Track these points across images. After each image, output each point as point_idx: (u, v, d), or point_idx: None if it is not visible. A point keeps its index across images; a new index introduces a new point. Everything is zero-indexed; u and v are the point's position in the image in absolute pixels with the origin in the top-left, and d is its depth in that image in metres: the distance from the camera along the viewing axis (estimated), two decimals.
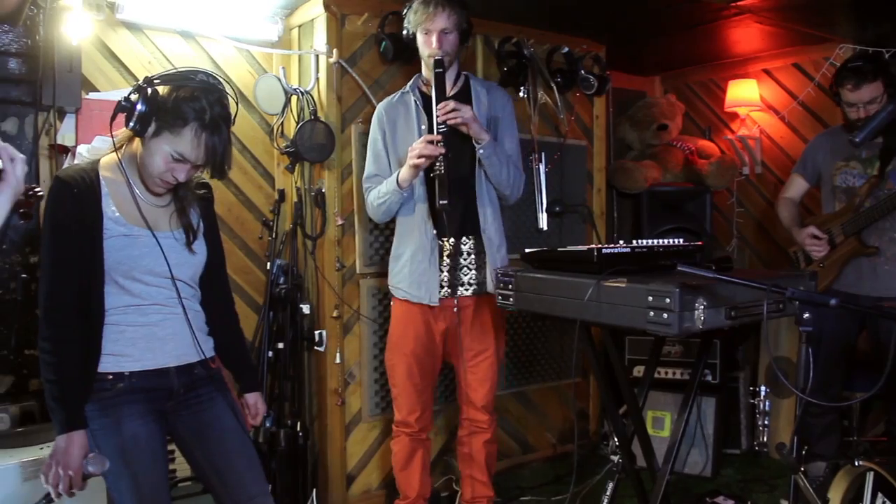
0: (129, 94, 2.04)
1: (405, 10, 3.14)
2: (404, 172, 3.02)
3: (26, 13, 3.15)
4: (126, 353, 2.12)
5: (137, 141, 2.12)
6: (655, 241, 2.79)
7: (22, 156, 1.32)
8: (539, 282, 2.69)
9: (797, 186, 3.92)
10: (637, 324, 2.29)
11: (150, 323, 2.15)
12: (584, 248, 2.67)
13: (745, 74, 5.09)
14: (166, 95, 2.03)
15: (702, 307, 2.22)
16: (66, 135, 3.38)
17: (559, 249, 2.85)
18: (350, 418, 3.74)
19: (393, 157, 3.20)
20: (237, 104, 2.18)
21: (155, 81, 2.05)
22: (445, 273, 3.15)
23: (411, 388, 3.22)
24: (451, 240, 3.15)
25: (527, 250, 2.93)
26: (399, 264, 3.21)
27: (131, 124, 2.02)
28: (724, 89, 5.14)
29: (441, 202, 2.92)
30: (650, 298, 2.23)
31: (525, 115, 4.15)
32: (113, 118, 2.08)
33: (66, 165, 3.28)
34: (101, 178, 2.12)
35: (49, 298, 2.05)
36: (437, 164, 2.93)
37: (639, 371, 4.40)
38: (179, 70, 2.12)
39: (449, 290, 3.16)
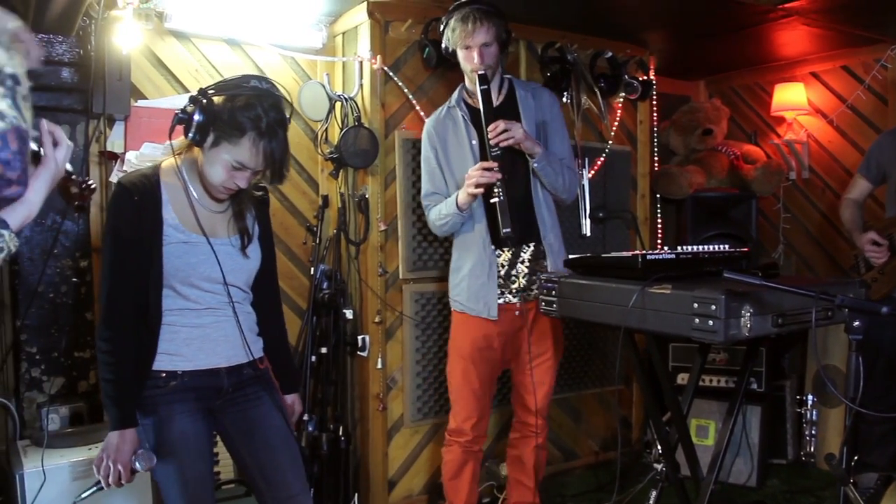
0: (186, 106, 2.07)
1: (442, 26, 3.13)
2: (462, 197, 3.02)
3: (79, 24, 3.22)
4: (180, 353, 2.17)
5: (196, 148, 2.16)
6: (700, 247, 2.77)
7: (69, 142, 1.33)
8: (583, 288, 2.68)
9: (861, 187, 3.83)
10: (682, 331, 2.28)
11: (203, 325, 2.20)
12: (629, 254, 2.66)
13: (792, 78, 5.01)
14: (222, 105, 2.07)
15: (748, 314, 2.19)
16: (115, 141, 3.45)
17: (603, 256, 2.85)
18: (392, 423, 3.76)
19: (447, 172, 3.20)
20: (291, 105, 2.21)
21: (209, 92, 2.09)
22: (506, 281, 3.14)
23: (469, 392, 3.19)
24: (511, 249, 3.14)
25: (570, 256, 2.93)
26: (458, 277, 3.21)
27: (190, 135, 2.06)
28: (771, 93, 5.07)
29: (505, 231, 2.92)
30: (695, 305, 2.21)
31: (568, 120, 4.13)
32: (171, 130, 2.12)
33: (114, 172, 3.35)
34: (161, 183, 2.16)
35: (109, 301, 2.11)
36: (496, 189, 2.93)
37: (683, 378, 4.35)
38: (232, 78, 2.15)
39: (509, 297, 3.14)
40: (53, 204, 3.30)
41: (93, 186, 1.73)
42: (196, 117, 2.04)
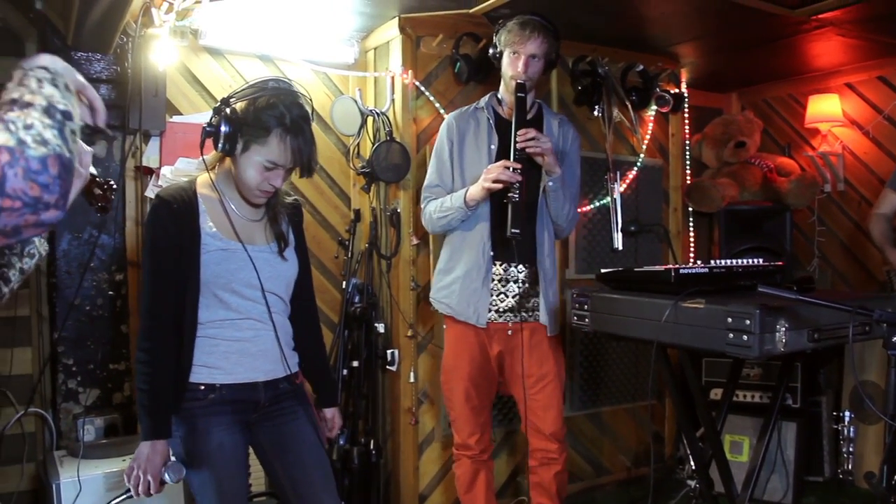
0: (211, 119, 2.11)
1: (497, 28, 3.14)
2: (475, 192, 3.00)
3: (116, 42, 3.28)
4: (219, 366, 2.19)
5: (228, 159, 2.20)
6: (734, 261, 2.74)
7: (90, 149, 1.38)
8: (615, 302, 2.66)
9: (890, 202, 3.78)
10: (716, 346, 2.25)
11: (243, 338, 2.22)
12: (661, 268, 2.64)
13: (827, 89, 4.96)
14: (245, 110, 2.11)
15: (783, 329, 2.17)
16: (150, 157, 3.50)
17: (635, 270, 2.82)
18: (423, 437, 3.76)
19: (457, 169, 3.17)
20: (311, 100, 2.23)
21: (231, 100, 2.13)
22: (495, 297, 3.11)
23: (469, 411, 3.18)
24: (504, 265, 3.12)
25: (602, 270, 2.91)
26: (448, 279, 3.18)
27: (220, 146, 2.10)
28: (805, 105, 5.01)
29: (513, 231, 2.90)
30: (729, 320, 2.19)
31: (600, 133, 4.13)
32: (202, 145, 2.16)
33: (150, 186, 3.40)
34: (198, 195, 2.20)
35: (150, 311, 2.15)
36: (513, 190, 2.92)
37: (716, 394, 4.30)
38: (251, 83, 2.19)
39: (499, 315, 3.13)
40: (90, 218, 3.37)
41: (115, 187, 1.76)
42: (223, 128, 2.08)
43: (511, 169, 2.92)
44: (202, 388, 2.18)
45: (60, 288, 3.40)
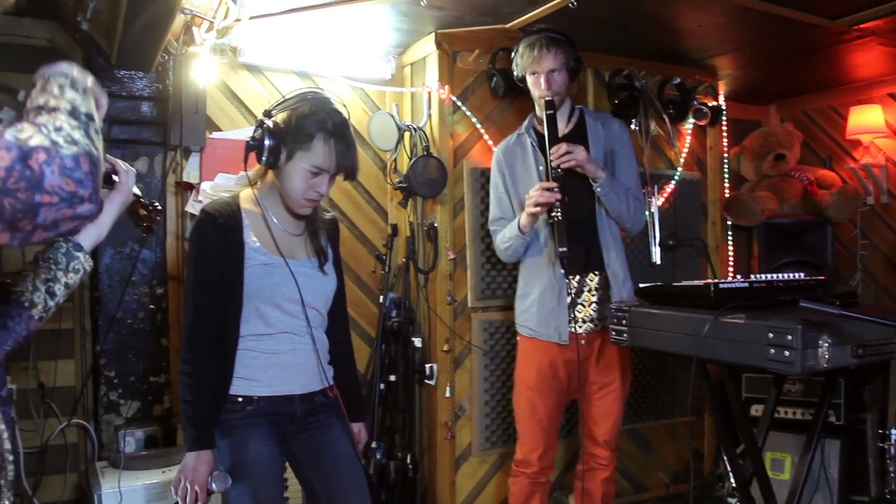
0: (254, 133, 2.15)
1: (513, 53, 3.17)
2: (523, 219, 3.03)
3: (158, 60, 3.34)
4: (257, 379, 2.21)
5: (270, 173, 2.23)
6: (774, 275, 2.71)
7: (133, 169, 1.48)
8: (654, 317, 2.64)
9: None
10: (756, 361, 2.22)
11: (281, 351, 2.24)
12: (701, 282, 2.61)
13: (869, 99, 4.88)
14: (287, 120, 2.14)
15: (826, 345, 2.13)
16: (191, 172, 3.56)
17: (674, 284, 2.80)
18: (460, 452, 3.75)
19: (515, 199, 3.21)
20: (346, 108, 2.27)
21: (272, 113, 2.17)
22: (572, 310, 3.12)
23: (535, 423, 3.17)
24: (577, 277, 3.13)
25: (641, 285, 2.88)
26: (527, 303, 3.20)
27: (264, 159, 2.14)
28: (846, 116, 4.94)
29: (561, 250, 2.91)
30: (771, 335, 2.16)
31: (637, 147, 4.10)
32: (246, 159, 2.19)
33: (190, 202, 3.45)
34: (241, 209, 2.24)
35: (193, 324, 2.18)
36: (555, 210, 2.93)
37: (756, 410, 4.23)
38: (290, 95, 2.23)
39: (578, 326, 3.12)
40: (132, 233, 3.42)
41: (159, 207, 1.80)
42: (266, 141, 2.12)
43: (549, 189, 2.92)
44: (240, 399, 2.20)
45: (103, 301, 3.45)
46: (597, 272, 3.14)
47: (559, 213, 2.92)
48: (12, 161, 1.03)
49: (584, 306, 3.13)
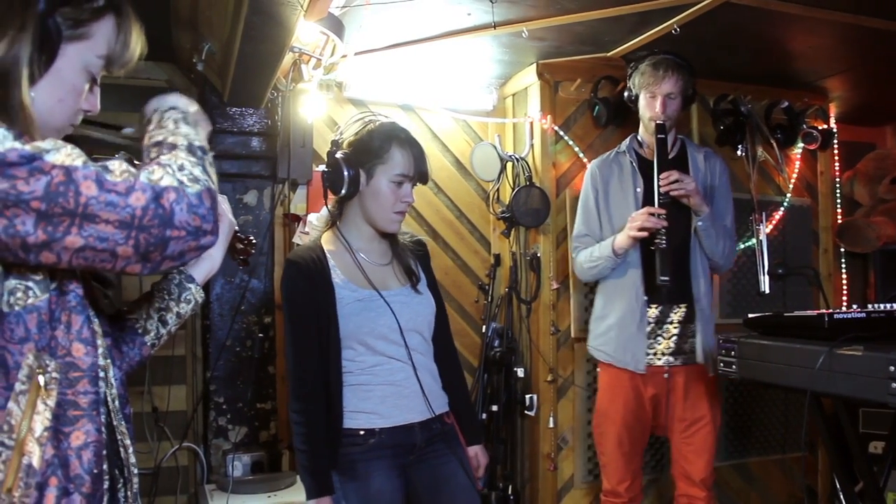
0: (328, 167, 2.22)
1: (630, 71, 3.15)
2: (622, 241, 2.98)
3: (268, 97, 3.45)
4: (376, 411, 2.22)
5: (347, 206, 2.28)
6: (894, 304, 2.59)
7: (223, 196, 1.56)
8: (764, 349, 2.55)
9: None
10: (876, 396, 2.12)
11: (395, 381, 2.24)
12: (814, 313, 2.52)
13: None
14: (359, 141, 2.22)
15: None
16: (298, 204, 3.65)
17: (785, 314, 2.71)
18: (562, 484, 3.70)
19: (604, 216, 3.16)
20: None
21: (343, 143, 2.25)
22: (652, 340, 3.06)
23: (620, 456, 3.11)
24: (660, 307, 3.07)
25: (750, 315, 2.80)
26: (603, 326, 3.15)
27: (345, 190, 2.19)
28: None
29: (662, 279, 2.87)
30: (892, 368, 2.06)
31: (744, 173, 4.01)
32: (325, 194, 2.25)
33: (297, 233, 3.53)
34: (325, 252, 2.27)
35: (295, 371, 2.20)
36: (659, 237, 2.89)
37: (875, 447, 4.04)
38: (348, 122, 2.31)
39: (657, 358, 3.07)
40: None
41: (254, 241, 1.85)
42: (345, 172, 2.17)
43: (656, 215, 2.88)
44: (362, 433, 2.20)
45: (213, 329, 3.56)
46: (681, 304, 3.07)
47: (664, 240, 2.88)
48: (147, 201, 1.11)
49: (664, 338, 3.06)
